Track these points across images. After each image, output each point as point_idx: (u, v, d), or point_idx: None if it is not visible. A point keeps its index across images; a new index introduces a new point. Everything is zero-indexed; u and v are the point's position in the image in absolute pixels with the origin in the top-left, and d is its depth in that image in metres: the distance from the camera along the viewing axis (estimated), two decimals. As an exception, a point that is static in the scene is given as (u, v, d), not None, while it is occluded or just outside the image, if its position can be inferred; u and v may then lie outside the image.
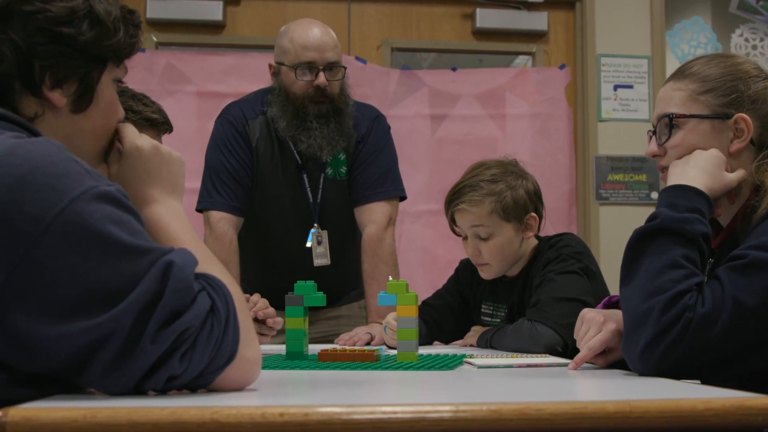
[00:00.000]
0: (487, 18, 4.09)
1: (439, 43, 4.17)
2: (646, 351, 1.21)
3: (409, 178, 2.84)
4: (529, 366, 1.43)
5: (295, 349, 1.62)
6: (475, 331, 2.17)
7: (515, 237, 2.05)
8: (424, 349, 1.89)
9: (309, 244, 2.41)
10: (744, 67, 1.42)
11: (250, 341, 1.00)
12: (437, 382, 1.19)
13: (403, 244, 3.77)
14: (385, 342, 2.08)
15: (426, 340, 2.19)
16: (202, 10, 3.92)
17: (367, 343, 2.17)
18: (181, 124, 3.65)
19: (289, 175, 2.42)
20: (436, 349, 2.03)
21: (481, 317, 2.20)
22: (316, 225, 2.43)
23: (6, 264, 0.87)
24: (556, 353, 1.78)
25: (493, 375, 1.28)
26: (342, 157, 2.45)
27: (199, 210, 2.41)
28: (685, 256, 1.26)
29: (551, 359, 1.56)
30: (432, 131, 4.02)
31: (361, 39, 4.08)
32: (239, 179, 2.38)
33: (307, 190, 2.43)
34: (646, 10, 4.12)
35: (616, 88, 4.08)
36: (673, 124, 1.41)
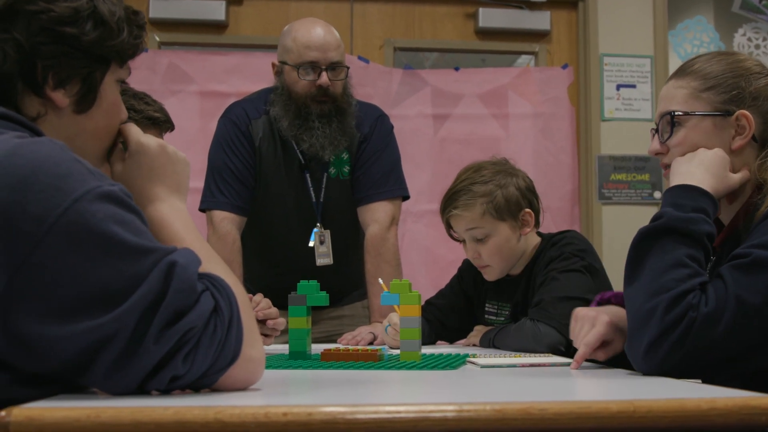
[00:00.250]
0: (490, 17, 4.09)
1: (442, 42, 4.17)
2: (649, 350, 1.21)
3: (411, 177, 2.84)
4: (532, 366, 1.43)
5: (298, 348, 1.62)
6: (477, 330, 2.17)
7: (512, 235, 2.05)
8: (428, 349, 1.89)
9: (312, 244, 2.41)
10: (746, 64, 1.42)
11: (253, 341, 1.00)
12: (440, 382, 1.19)
13: (405, 243, 3.76)
14: (388, 344, 2.08)
15: (429, 340, 2.18)
16: (204, 10, 3.92)
17: (370, 343, 2.17)
18: (184, 124, 3.65)
19: (292, 175, 2.42)
20: (439, 348, 2.03)
21: (485, 316, 2.20)
22: (318, 224, 2.43)
23: (9, 264, 0.86)
24: (559, 353, 1.78)
25: (496, 375, 1.28)
26: (345, 156, 2.45)
27: (202, 209, 2.41)
28: (690, 255, 1.26)
29: (554, 359, 1.55)
30: (435, 131, 4.02)
31: (364, 38, 4.08)
32: (242, 179, 2.38)
33: (310, 189, 2.43)
34: (648, 9, 4.12)
35: (618, 87, 4.08)
36: (675, 121, 1.41)
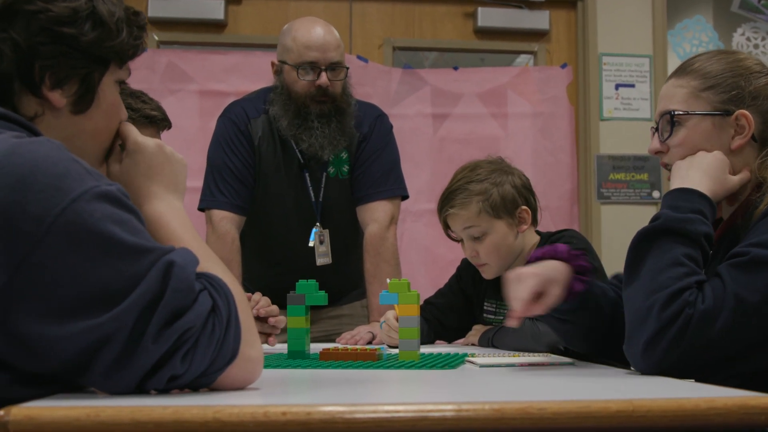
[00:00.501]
0: (489, 17, 4.09)
1: (441, 42, 4.16)
2: (647, 348, 1.21)
3: (411, 177, 2.84)
4: (531, 365, 1.43)
5: (296, 348, 1.62)
6: (476, 330, 2.17)
7: (509, 232, 2.05)
8: (426, 348, 1.89)
9: (311, 243, 2.41)
10: (746, 63, 1.41)
11: (252, 341, 1.00)
12: (439, 382, 1.19)
13: (404, 243, 3.76)
14: (384, 342, 2.08)
15: (428, 339, 2.18)
16: (203, 9, 3.92)
17: (369, 342, 2.17)
18: (183, 123, 3.65)
19: (292, 174, 2.42)
20: (438, 348, 2.03)
21: (484, 315, 2.20)
22: (318, 224, 2.42)
23: (8, 264, 0.87)
24: (559, 352, 1.78)
25: (495, 374, 1.28)
26: (344, 155, 2.45)
27: (201, 209, 2.41)
28: (687, 254, 1.26)
29: (553, 358, 1.55)
30: (434, 130, 4.02)
31: (363, 38, 4.08)
32: (242, 178, 2.38)
33: (309, 189, 2.43)
34: (647, 9, 4.12)
35: (617, 87, 4.08)
36: (674, 121, 1.41)
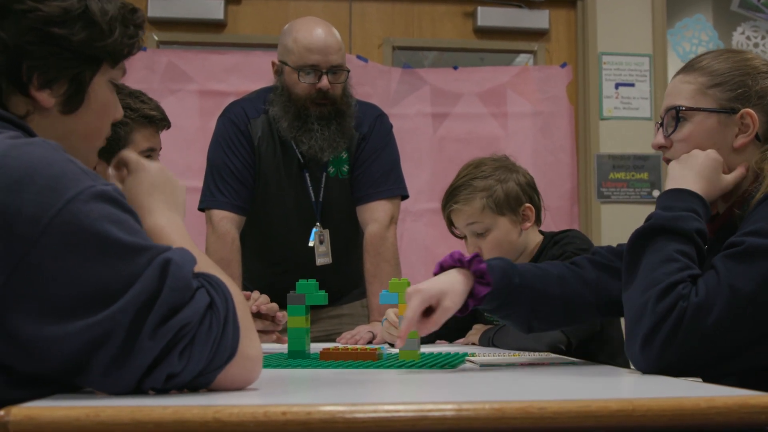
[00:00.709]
0: (489, 16, 4.09)
1: (441, 41, 4.16)
2: (645, 344, 1.21)
3: (410, 176, 2.84)
4: (531, 364, 1.43)
5: (297, 347, 1.62)
6: (476, 329, 2.16)
7: (512, 229, 2.05)
8: (427, 348, 1.89)
9: (311, 243, 2.41)
10: (753, 62, 1.42)
11: (250, 340, 1.00)
12: (439, 381, 1.19)
13: (404, 242, 3.76)
14: (385, 339, 2.08)
15: (428, 339, 2.18)
16: (203, 9, 3.92)
17: (369, 342, 2.17)
18: (183, 123, 3.65)
19: (291, 174, 2.42)
20: (438, 347, 2.03)
21: (484, 314, 2.20)
22: (318, 224, 2.43)
23: (5, 266, 0.86)
24: (559, 351, 1.78)
25: (495, 373, 1.28)
26: (344, 155, 2.44)
27: (201, 209, 2.41)
28: (680, 251, 1.26)
29: (554, 357, 1.55)
30: (434, 130, 4.02)
31: (363, 37, 4.08)
32: (241, 178, 2.38)
33: (309, 188, 2.43)
34: (647, 8, 4.12)
35: (617, 86, 4.08)
36: (680, 116, 1.42)
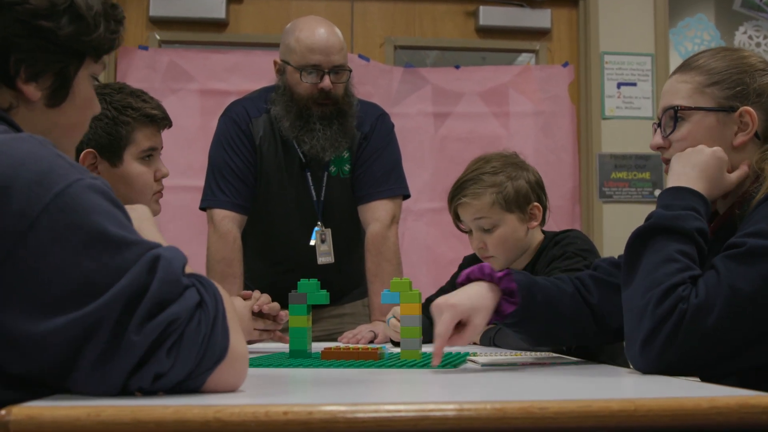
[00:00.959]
0: (491, 15, 4.09)
1: (443, 40, 4.16)
2: (645, 346, 1.21)
3: (412, 176, 2.84)
4: (533, 364, 1.43)
5: (298, 347, 1.62)
6: (478, 329, 2.16)
7: (519, 227, 2.05)
8: (428, 348, 1.89)
9: (313, 243, 2.41)
10: (750, 60, 1.41)
11: (238, 340, 0.97)
12: (441, 381, 1.19)
13: (406, 242, 3.76)
14: (390, 338, 2.08)
15: (430, 338, 2.17)
16: (205, 8, 3.91)
17: (371, 341, 2.17)
18: (185, 122, 3.65)
19: (293, 173, 2.42)
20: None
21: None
22: (319, 223, 2.43)
23: None
24: (560, 351, 1.78)
25: (496, 373, 1.28)
26: (345, 155, 2.44)
27: (202, 208, 2.41)
28: (680, 251, 1.26)
29: (555, 357, 1.55)
30: (435, 129, 4.02)
31: (364, 37, 4.08)
32: (243, 177, 2.38)
33: (311, 188, 2.43)
34: (649, 7, 4.11)
35: (619, 85, 4.08)
36: (678, 116, 1.41)
